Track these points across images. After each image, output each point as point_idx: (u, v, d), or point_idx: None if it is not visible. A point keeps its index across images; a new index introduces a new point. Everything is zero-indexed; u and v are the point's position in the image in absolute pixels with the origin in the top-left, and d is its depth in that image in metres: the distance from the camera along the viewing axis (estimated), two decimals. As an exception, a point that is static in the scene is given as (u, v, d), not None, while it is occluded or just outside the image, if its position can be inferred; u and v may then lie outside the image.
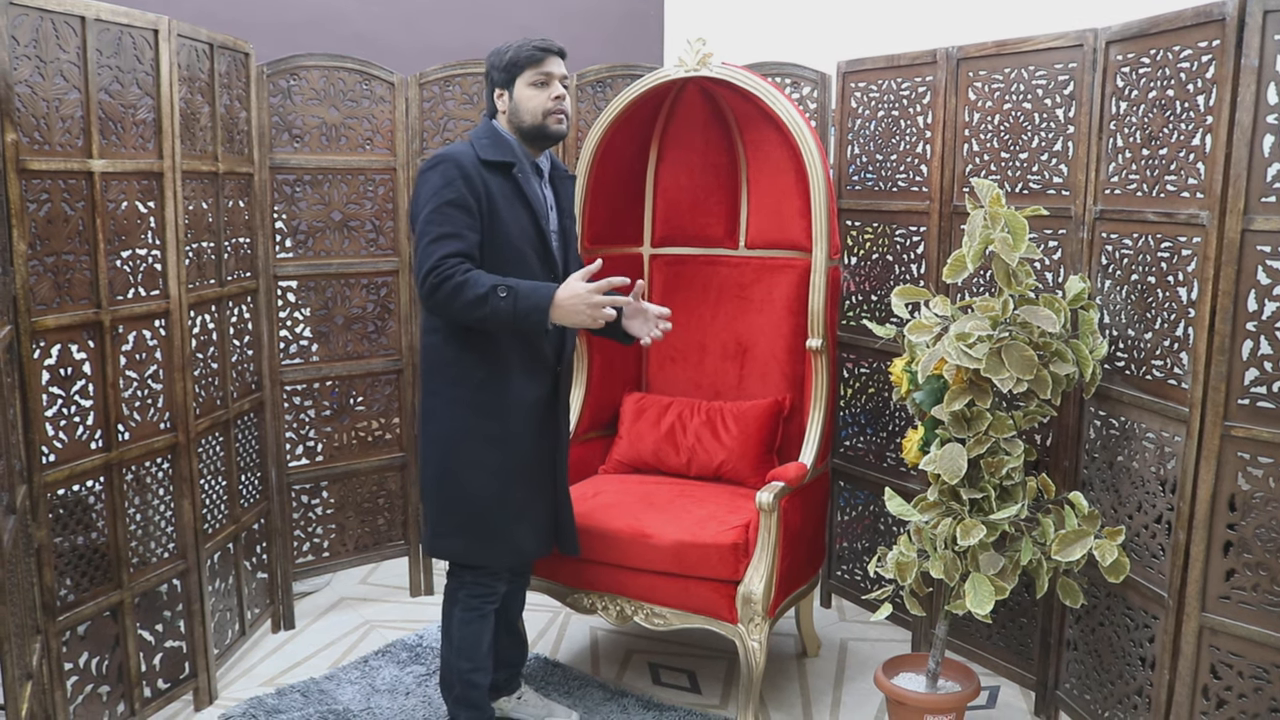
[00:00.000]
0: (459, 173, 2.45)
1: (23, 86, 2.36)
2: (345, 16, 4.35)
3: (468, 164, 2.47)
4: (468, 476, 2.57)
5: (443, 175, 2.45)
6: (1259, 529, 2.18)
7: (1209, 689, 2.29)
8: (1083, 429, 2.72)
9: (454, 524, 2.60)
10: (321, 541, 3.67)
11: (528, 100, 2.56)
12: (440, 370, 2.57)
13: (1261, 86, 2.09)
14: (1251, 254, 2.14)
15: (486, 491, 2.58)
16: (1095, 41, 2.61)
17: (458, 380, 2.55)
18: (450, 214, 2.43)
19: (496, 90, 2.59)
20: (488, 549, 2.62)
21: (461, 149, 2.51)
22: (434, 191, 2.44)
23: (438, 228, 2.42)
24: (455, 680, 2.65)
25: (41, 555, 2.45)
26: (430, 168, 2.48)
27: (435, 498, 2.61)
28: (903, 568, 2.61)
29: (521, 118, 2.57)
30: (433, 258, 2.40)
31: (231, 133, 3.15)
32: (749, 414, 3.25)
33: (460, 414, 2.56)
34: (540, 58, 2.55)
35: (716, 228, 3.47)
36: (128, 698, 2.76)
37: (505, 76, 2.56)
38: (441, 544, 2.64)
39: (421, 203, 2.47)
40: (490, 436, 2.56)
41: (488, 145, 2.54)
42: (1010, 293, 2.41)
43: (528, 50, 2.55)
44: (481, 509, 2.58)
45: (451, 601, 2.66)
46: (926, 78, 3.11)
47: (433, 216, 2.43)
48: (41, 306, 2.45)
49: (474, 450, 2.56)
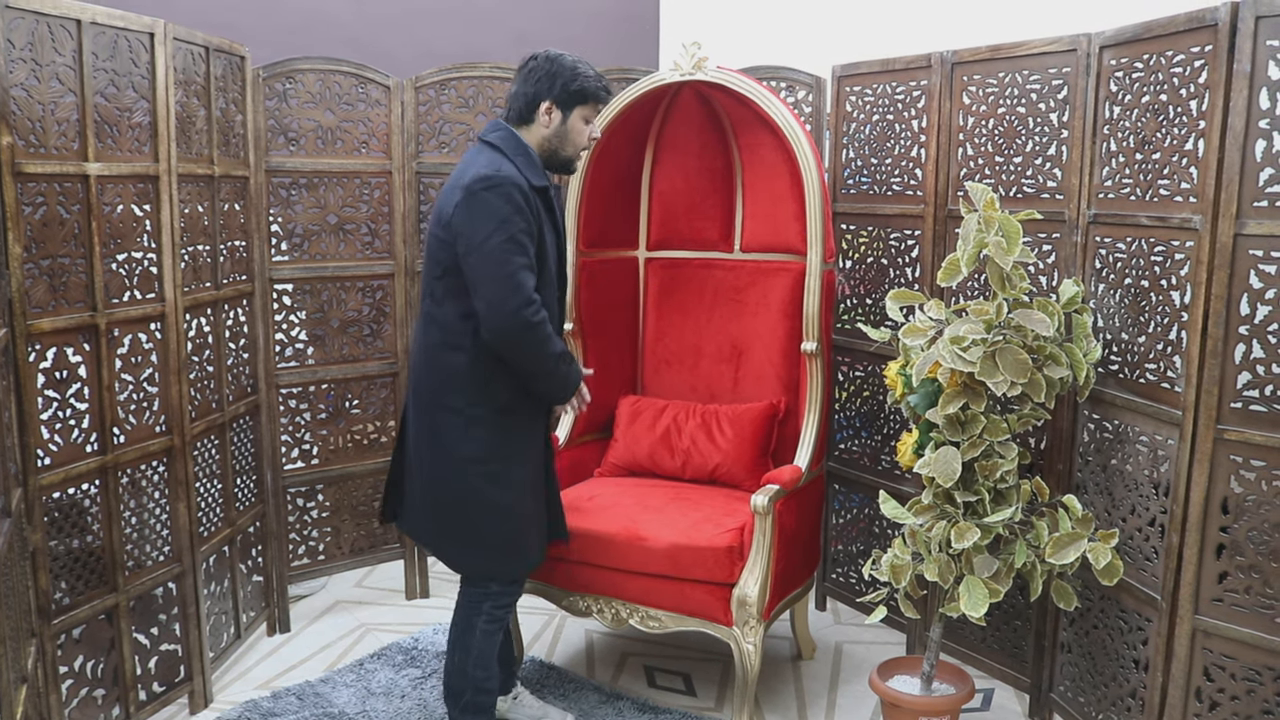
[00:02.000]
0: (524, 200, 2.39)
1: (18, 89, 2.36)
2: (341, 20, 4.36)
3: (526, 189, 2.41)
4: (500, 495, 2.53)
5: (508, 200, 2.37)
6: (1251, 532, 2.19)
7: (1202, 691, 2.30)
8: (1077, 432, 2.72)
9: (494, 546, 2.57)
10: (317, 545, 3.67)
11: (577, 134, 2.55)
12: (466, 389, 2.48)
13: (1253, 92, 2.10)
14: (1244, 258, 2.15)
15: (521, 508, 2.58)
16: (1089, 46, 2.62)
17: (485, 399, 2.48)
18: (523, 243, 2.38)
19: (547, 104, 2.50)
20: (521, 561, 2.63)
21: (510, 170, 2.42)
22: (504, 217, 2.36)
23: (519, 257, 2.36)
24: (468, 688, 2.63)
25: (36, 559, 2.45)
26: (490, 188, 2.37)
27: (463, 518, 2.55)
28: (897, 570, 2.61)
29: (564, 146, 2.55)
30: (526, 289, 2.36)
31: (227, 136, 3.15)
32: (744, 417, 3.25)
33: (488, 434, 2.50)
34: (605, 99, 2.57)
35: (712, 231, 3.48)
36: (123, 701, 2.76)
37: (568, 99, 2.50)
38: (477, 563, 2.61)
39: (486, 226, 2.36)
40: (517, 454, 2.55)
41: (528, 166, 2.47)
42: (1004, 296, 2.42)
43: (599, 87, 2.53)
44: (517, 525, 2.58)
45: (474, 613, 2.62)
46: (921, 82, 3.12)
47: (509, 245, 2.35)
48: (37, 309, 2.45)
49: (505, 468, 2.53)
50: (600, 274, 3.42)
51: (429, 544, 2.72)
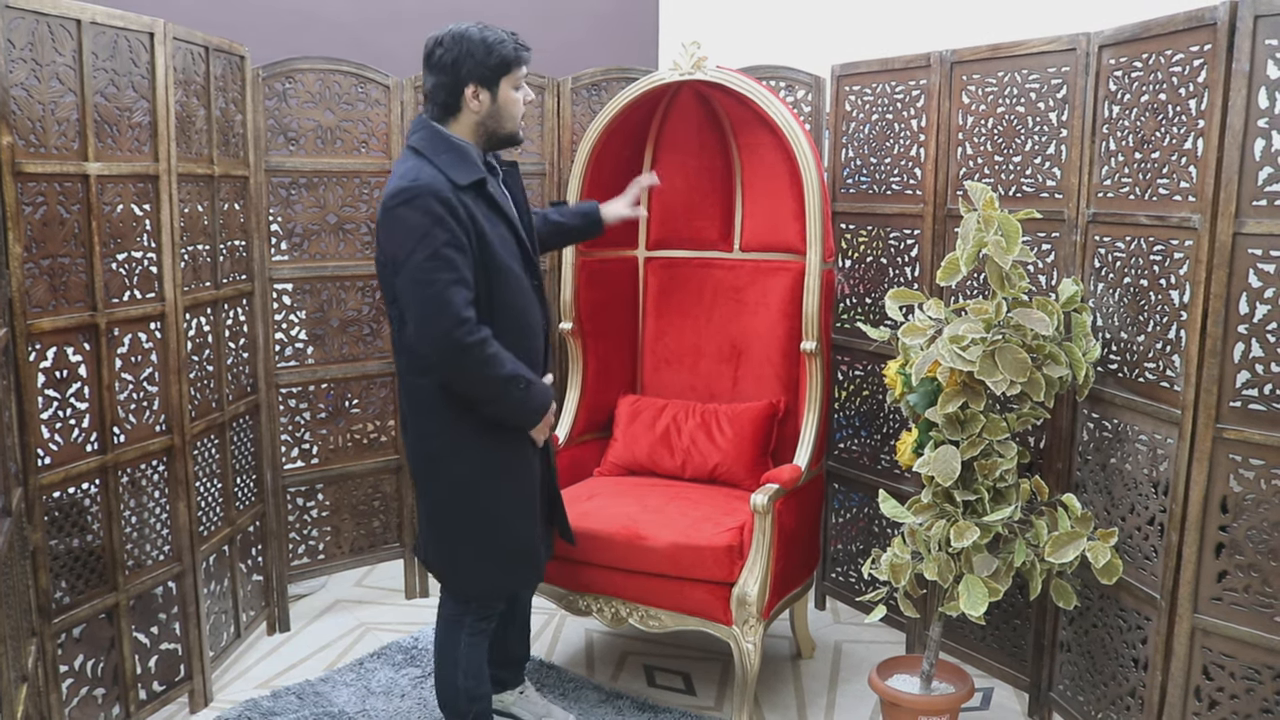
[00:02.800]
0: (443, 207, 2.20)
1: (18, 89, 2.36)
2: (340, 20, 4.36)
3: (448, 194, 2.22)
4: (498, 512, 2.46)
5: (426, 212, 2.19)
6: (1250, 530, 2.19)
7: (1201, 690, 2.31)
8: (1076, 431, 2.73)
9: (492, 562, 2.50)
10: (317, 544, 3.67)
11: (511, 105, 2.38)
12: (441, 411, 2.37)
13: (1252, 91, 2.10)
14: (1243, 257, 2.15)
15: (518, 522, 2.50)
16: (1088, 45, 2.62)
17: (463, 416, 2.36)
18: (450, 256, 2.19)
19: (471, 88, 2.32)
20: (521, 575, 2.60)
21: (429, 176, 2.23)
22: (423, 233, 2.19)
23: (444, 273, 2.18)
24: (463, 701, 2.56)
25: (37, 558, 2.45)
26: (405, 203, 2.21)
27: (465, 541, 2.47)
28: (896, 569, 2.62)
29: (501, 123, 2.38)
30: (452, 308, 2.18)
31: (227, 136, 3.16)
32: (744, 416, 3.26)
33: (476, 453, 2.40)
34: (528, 58, 2.39)
35: (711, 231, 3.48)
36: (123, 700, 2.76)
37: (490, 75, 2.32)
38: (480, 584, 2.53)
39: (407, 244, 2.20)
40: (508, 468, 2.45)
41: (453, 164, 2.29)
42: (1003, 295, 2.42)
43: (514, 48, 2.35)
44: (518, 541, 2.51)
45: (456, 626, 2.55)
46: (920, 81, 3.12)
47: (432, 263, 2.18)
48: (37, 309, 2.45)
49: (498, 485, 2.44)
50: (600, 273, 3.42)
51: (434, 569, 2.58)
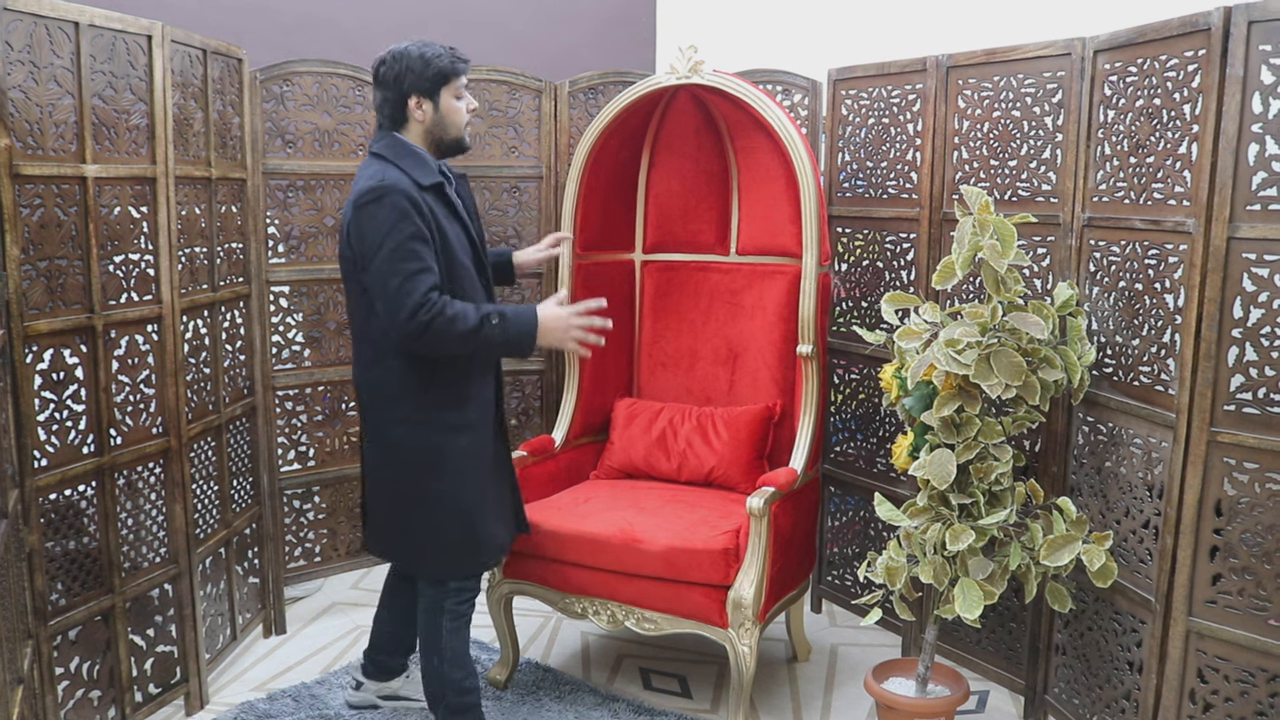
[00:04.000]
0: (409, 203, 2.39)
1: (16, 91, 2.36)
2: (338, 23, 4.36)
3: (412, 193, 2.41)
4: (456, 492, 2.56)
5: (394, 208, 2.38)
6: (1245, 534, 2.20)
7: (1196, 693, 2.31)
8: (1071, 435, 2.73)
9: (450, 543, 2.59)
10: (313, 546, 3.67)
11: (453, 114, 2.56)
12: (404, 397, 2.52)
13: (1246, 96, 2.11)
14: (1237, 261, 2.16)
15: (475, 501, 2.59)
16: (1083, 50, 2.63)
17: (426, 403, 2.52)
18: (415, 248, 2.39)
19: (414, 99, 2.51)
20: (481, 555, 2.65)
21: (395, 176, 2.43)
22: (390, 227, 2.38)
23: (407, 264, 2.37)
24: (448, 691, 2.64)
25: (33, 560, 2.45)
26: (374, 200, 2.40)
27: (423, 524, 2.58)
28: (892, 572, 2.62)
29: (445, 130, 2.56)
30: (416, 294, 2.36)
31: (225, 138, 3.16)
32: (740, 419, 3.26)
33: (434, 434, 2.53)
34: (463, 69, 2.57)
35: (708, 234, 3.49)
36: (119, 702, 2.76)
37: (429, 86, 2.51)
38: (440, 566, 2.62)
39: (375, 238, 2.39)
40: (466, 448, 2.56)
41: (415, 167, 2.48)
42: (999, 299, 2.43)
43: (451, 60, 2.53)
44: (474, 520, 2.59)
45: (436, 613, 2.63)
46: (916, 85, 3.13)
47: (397, 254, 2.37)
48: (34, 311, 2.45)
49: (456, 464, 2.55)
50: (596, 277, 3.42)
51: (392, 555, 2.75)
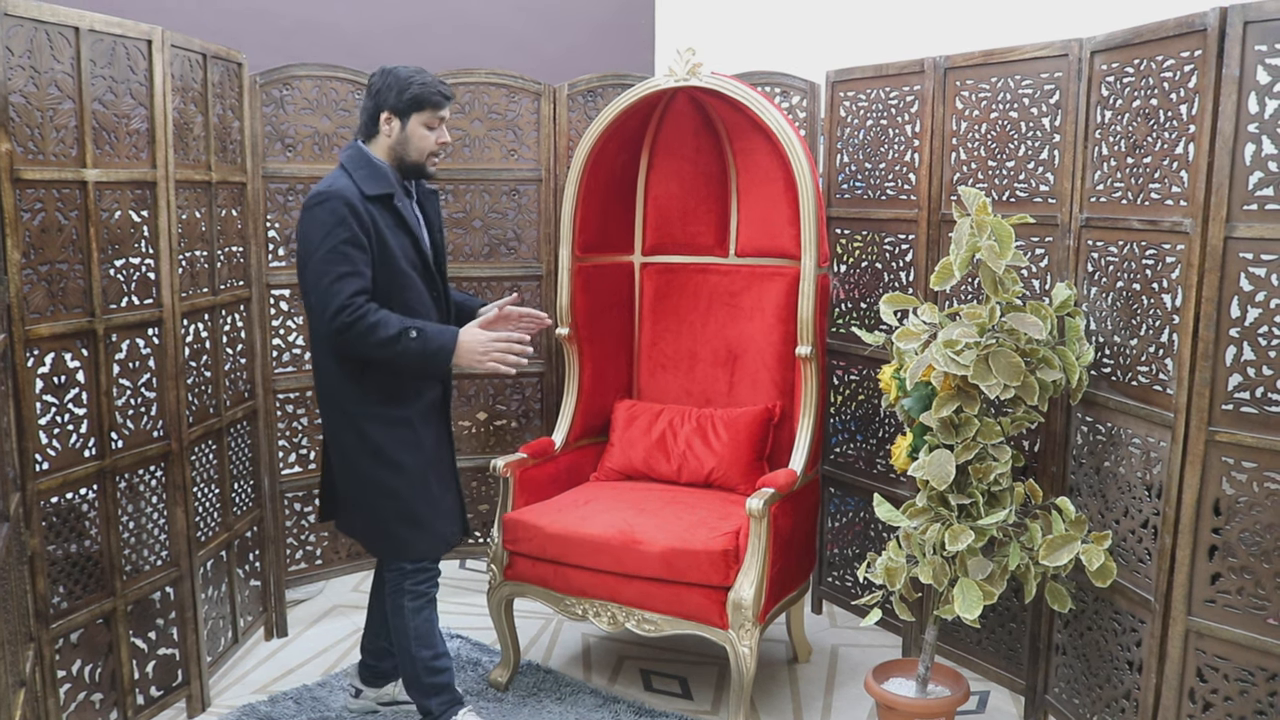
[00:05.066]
0: (348, 210, 2.50)
1: (17, 96, 2.37)
2: (338, 27, 4.37)
3: (354, 199, 2.52)
4: (390, 481, 2.65)
5: (333, 213, 2.50)
6: (1243, 533, 2.20)
7: (1195, 692, 2.31)
8: (1070, 435, 2.74)
9: (393, 527, 2.69)
10: (314, 549, 3.68)
11: (419, 139, 2.64)
12: (345, 393, 2.63)
13: (1242, 96, 2.12)
14: (1234, 261, 2.16)
15: (414, 493, 2.68)
16: (1080, 51, 2.64)
17: (365, 398, 2.62)
18: (347, 252, 2.50)
19: (385, 114, 2.62)
20: (425, 543, 2.73)
21: (343, 184, 2.55)
22: (327, 230, 2.50)
23: (338, 266, 2.49)
24: (420, 671, 2.72)
25: (35, 563, 2.45)
26: (317, 204, 2.52)
27: (369, 506, 2.69)
28: (892, 573, 2.62)
29: (407, 152, 2.65)
30: (340, 296, 2.48)
31: (224, 142, 3.17)
32: (739, 421, 3.27)
33: (374, 428, 2.63)
34: (441, 103, 2.65)
35: (707, 236, 3.49)
36: (120, 705, 2.77)
37: (404, 107, 2.61)
38: (393, 543, 2.73)
39: (313, 241, 2.51)
40: (401, 441, 2.65)
41: (367, 178, 2.58)
42: (997, 300, 2.44)
43: (433, 93, 2.62)
44: (414, 509, 2.68)
45: (398, 594, 2.73)
46: (914, 87, 3.14)
47: (330, 256, 2.49)
48: (35, 315, 2.45)
49: (390, 455, 2.64)
50: (596, 279, 3.43)
51: (351, 531, 2.84)
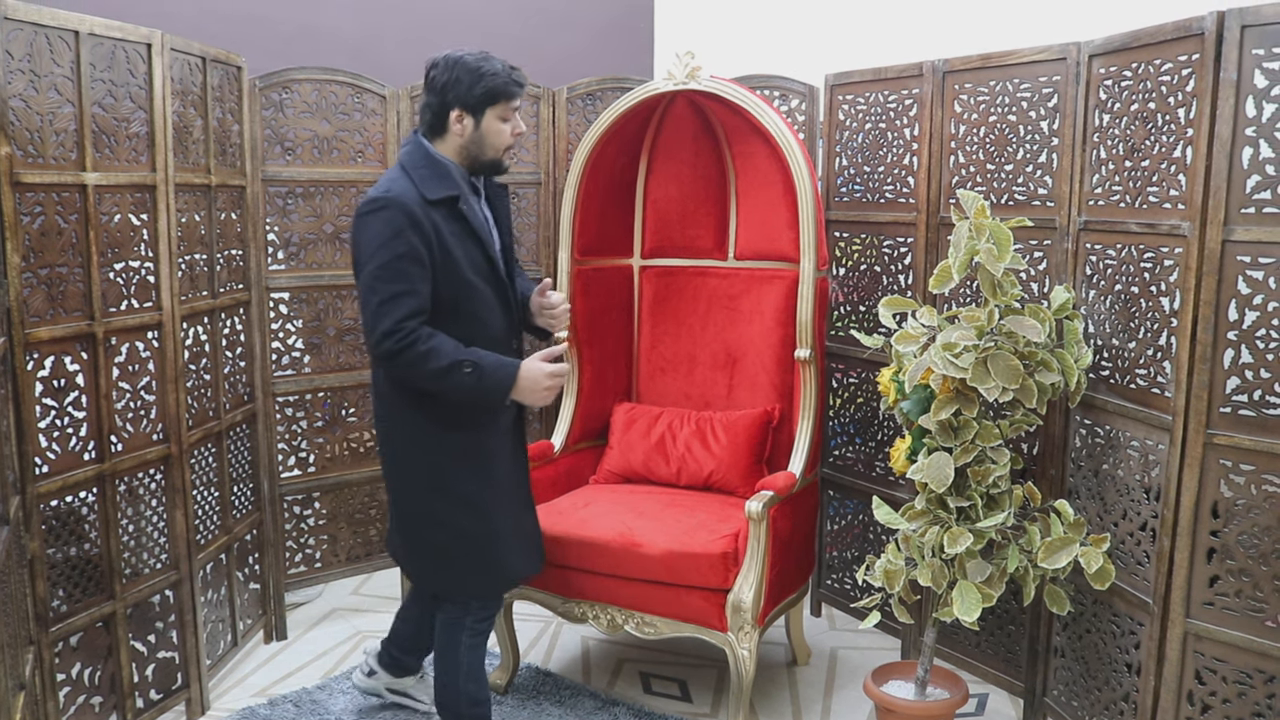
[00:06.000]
0: (406, 220, 2.29)
1: (17, 100, 2.37)
2: (337, 30, 4.37)
3: (414, 206, 2.31)
4: (461, 517, 2.50)
5: (389, 223, 2.29)
6: (1241, 535, 2.20)
7: (1194, 694, 2.32)
8: (1068, 437, 2.74)
9: (458, 566, 2.54)
10: (314, 552, 3.68)
11: (495, 135, 2.44)
12: (402, 413, 2.46)
13: (1240, 100, 2.12)
14: (1232, 264, 2.17)
15: (482, 526, 2.52)
16: (1078, 55, 2.65)
17: (435, 421, 2.44)
18: (401, 268, 2.29)
19: (456, 112, 2.40)
20: (495, 578, 2.61)
21: (403, 189, 2.33)
22: (381, 243, 2.28)
23: (390, 285, 2.28)
24: (461, 703, 2.60)
25: (34, 566, 2.46)
26: (371, 212, 2.31)
27: (431, 543, 2.53)
28: (891, 575, 2.63)
29: (483, 150, 2.45)
30: (389, 319, 2.28)
31: (224, 145, 3.17)
32: (738, 424, 3.27)
33: (441, 457, 2.47)
34: (516, 93, 2.43)
35: (706, 239, 3.50)
36: (120, 708, 2.77)
37: (476, 103, 2.39)
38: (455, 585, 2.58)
39: (366, 251, 2.31)
40: (475, 473, 2.50)
41: (428, 179, 2.37)
42: (996, 303, 2.44)
43: (505, 82, 2.41)
44: (484, 543, 2.53)
45: (456, 629, 2.59)
46: (913, 90, 3.14)
47: (382, 273, 2.28)
48: (35, 318, 2.46)
49: (463, 488, 2.49)
50: (595, 282, 3.43)
51: (404, 566, 2.69)
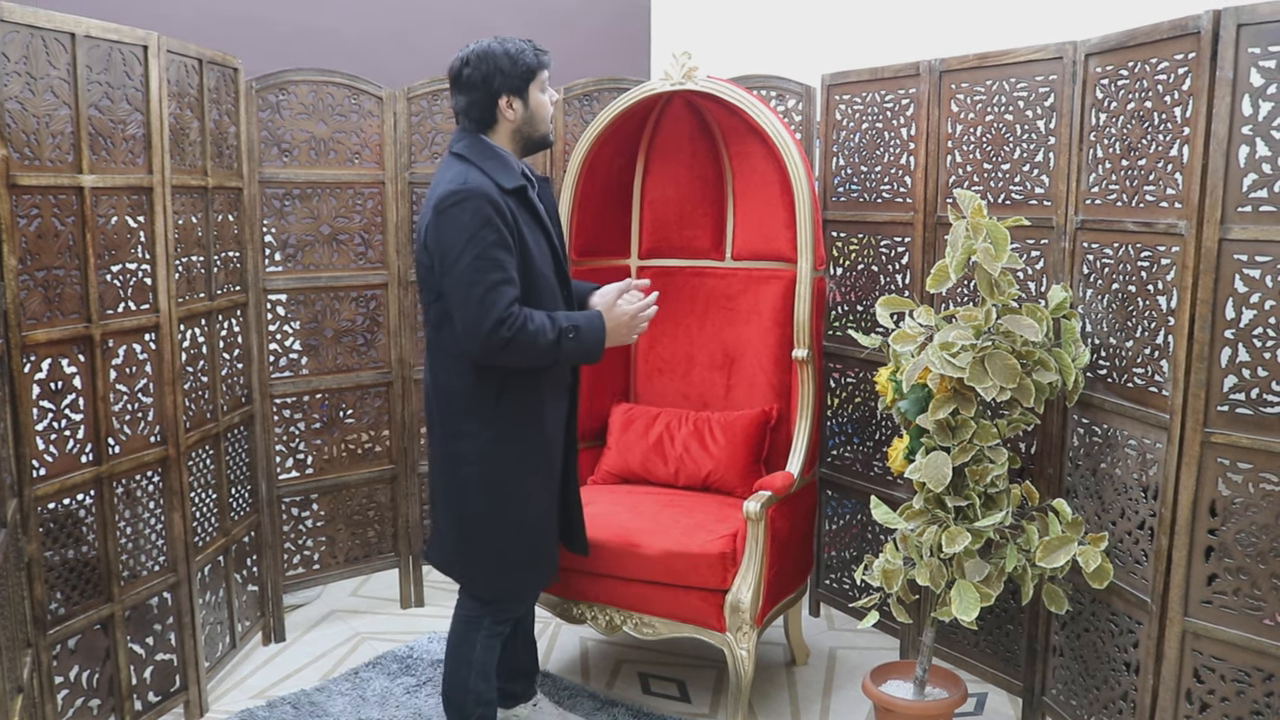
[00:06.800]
0: (493, 210, 2.31)
1: (13, 103, 2.37)
2: (334, 31, 4.37)
3: (495, 197, 2.33)
4: (520, 514, 2.49)
5: (476, 214, 2.30)
6: (1239, 534, 2.21)
7: (1192, 693, 2.32)
8: (1066, 436, 2.74)
9: (512, 564, 2.53)
10: (312, 554, 3.68)
11: (542, 107, 2.48)
12: (476, 411, 2.43)
13: (1236, 98, 2.13)
14: (1229, 262, 2.17)
15: (536, 521, 2.53)
16: (1075, 54, 2.65)
17: (497, 418, 2.43)
18: (498, 257, 2.30)
19: (505, 99, 2.43)
20: (539, 576, 2.61)
21: (478, 179, 2.35)
22: (472, 233, 2.29)
23: (490, 274, 2.28)
24: (470, 702, 2.58)
25: (32, 569, 2.45)
26: (456, 204, 2.31)
27: (487, 543, 2.50)
28: (889, 575, 2.63)
29: (535, 126, 2.48)
30: (498, 308, 2.28)
31: (221, 147, 3.17)
32: (736, 424, 3.27)
33: (501, 451, 2.45)
34: (548, 61, 2.49)
35: (703, 239, 3.50)
36: (118, 711, 2.76)
37: (520, 83, 2.42)
38: (505, 586, 2.57)
39: (456, 245, 2.30)
40: (532, 466, 2.50)
41: (499, 169, 2.39)
42: (993, 302, 2.44)
43: (534, 54, 2.45)
44: (536, 540, 2.54)
45: (474, 627, 2.57)
46: (910, 90, 3.14)
47: (480, 264, 2.28)
48: (32, 321, 2.46)
49: (521, 484, 2.48)
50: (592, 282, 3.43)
51: (454, 572, 2.61)
